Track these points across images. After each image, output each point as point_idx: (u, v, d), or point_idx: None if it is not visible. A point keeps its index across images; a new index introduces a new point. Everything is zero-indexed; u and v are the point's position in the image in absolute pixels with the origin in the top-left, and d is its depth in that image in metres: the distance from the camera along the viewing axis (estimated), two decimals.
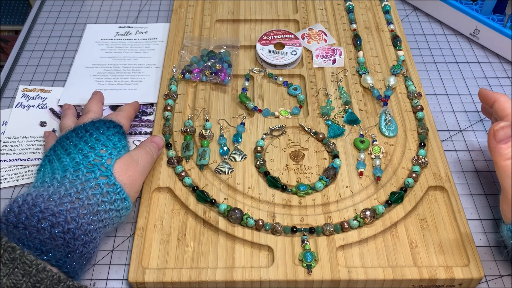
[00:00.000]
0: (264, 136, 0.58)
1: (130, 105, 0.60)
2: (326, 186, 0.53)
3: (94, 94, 0.61)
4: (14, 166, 0.58)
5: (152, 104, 0.65)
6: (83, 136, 0.49)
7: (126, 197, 0.47)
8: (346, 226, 0.50)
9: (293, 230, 0.49)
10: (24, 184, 0.57)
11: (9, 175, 0.57)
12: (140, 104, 0.64)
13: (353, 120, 0.59)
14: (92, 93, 0.62)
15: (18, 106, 0.64)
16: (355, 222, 0.50)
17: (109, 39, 0.74)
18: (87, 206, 0.44)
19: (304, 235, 0.49)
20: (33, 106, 0.65)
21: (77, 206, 0.43)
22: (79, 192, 0.44)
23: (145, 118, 0.63)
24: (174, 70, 0.65)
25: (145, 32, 0.75)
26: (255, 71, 0.66)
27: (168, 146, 0.57)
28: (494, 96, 0.52)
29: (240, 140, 0.58)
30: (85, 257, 0.44)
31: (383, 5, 0.74)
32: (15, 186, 0.57)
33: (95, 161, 0.47)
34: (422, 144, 0.57)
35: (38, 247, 0.40)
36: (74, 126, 0.51)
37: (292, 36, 0.69)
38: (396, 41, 0.68)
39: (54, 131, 0.61)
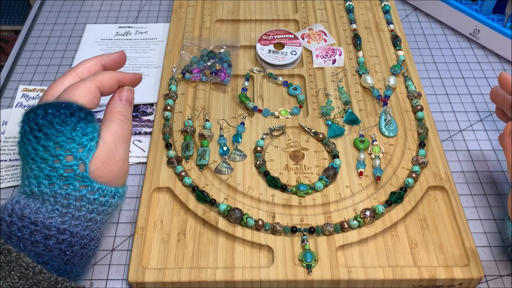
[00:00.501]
0: (264, 136, 0.58)
1: (109, 74, 0.46)
2: (326, 186, 0.53)
3: (107, 54, 0.49)
4: (14, 166, 0.58)
5: (152, 104, 0.65)
6: (39, 137, 0.41)
7: (116, 191, 0.44)
8: (346, 226, 0.50)
9: (293, 230, 0.49)
10: None
11: (9, 175, 0.57)
12: (140, 104, 0.64)
13: (353, 120, 0.59)
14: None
15: (18, 106, 0.64)
16: (355, 222, 0.50)
17: (109, 39, 0.74)
18: (79, 217, 0.42)
19: (304, 235, 0.49)
20: None
21: (67, 218, 0.41)
22: (66, 206, 0.41)
23: (145, 118, 0.63)
24: (174, 70, 0.65)
25: (145, 32, 0.75)
26: (255, 71, 0.66)
27: (168, 146, 0.57)
28: (505, 94, 0.52)
29: (240, 140, 0.58)
30: (86, 256, 0.43)
31: (383, 5, 0.74)
32: (15, 186, 0.57)
33: (66, 172, 0.41)
34: (422, 144, 0.57)
35: (34, 259, 0.39)
36: (27, 111, 0.43)
37: (292, 36, 0.69)
38: (396, 41, 0.68)
39: None
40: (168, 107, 0.60)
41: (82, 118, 0.42)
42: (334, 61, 0.67)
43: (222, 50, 0.67)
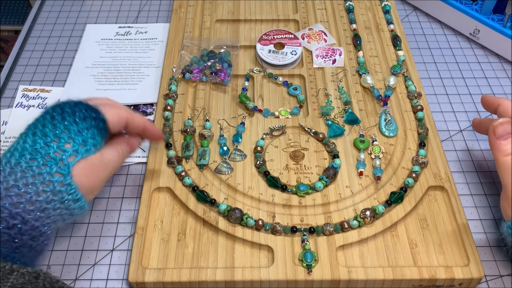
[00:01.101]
0: (264, 136, 0.58)
1: (141, 118, 0.51)
2: (326, 186, 0.53)
3: (153, 127, 0.52)
4: None
5: (152, 104, 0.65)
6: (55, 117, 0.44)
7: (79, 197, 0.43)
8: (346, 226, 0.50)
9: (293, 230, 0.49)
10: None
11: None
12: (140, 104, 0.65)
13: (353, 120, 0.59)
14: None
15: (18, 106, 0.64)
16: (355, 222, 0.50)
17: (109, 39, 0.74)
18: (34, 202, 0.40)
19: (304, 235, 0.49)
20: (33, 106, 0.65)
21: (23, 201, 0.40)
22: (28, 186, 0.40)
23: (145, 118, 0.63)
24: (174, 70, 0.65)
25: (145, 32, 0.75)
26: (255, 71, 0.66)
27: (168, 146, 0.57)
28: (497, 101, 0.53)
29: (240, 140, 0.58)
30: (35, 250, 0.42)
31: (383, 5, 0.74)
32: None
33: (55, 154, 0.42)
34: (422, 144, 0.57)
35: None
36: (59, 102, 0.46)
37: (292, 36, 0.69)
38: (396, 41, 0.68)
39: None
40: (168, 107, 0.60)
41: (100, 128, 0.45)
42: (334, 61, 0.67)
43: (222, 50, 0.67)
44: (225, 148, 0.56)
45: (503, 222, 0.47)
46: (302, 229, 0.49)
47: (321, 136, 0.58)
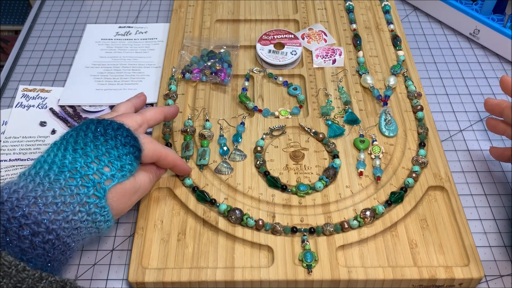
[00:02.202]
0: (264, 136, 0.58)
1: (170, 111, 0.55)
2: (326, 186, 0.53)
3: (167, 107, 0.55)
4: (14, 166, 0.58)
5: (152, 104, 0.65)
6: (98, 138, 0.45)
7: (110, 219, 0.45)
8: (346, 226, 0.50)
9: (293, 230, 0.49)
10: None
11: (9, 175, 0.57)
12: None
13: (353, 120, 0.59)
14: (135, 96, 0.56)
15: (18, 106, 0.64)
16: (355, 222, 0.50)
17: (109, 39, 0.74)
18: (70, 221, 0.42)
19: (304, 235, 0.49)
20: (33, 106, 0.65)
21: (60, 218, 0.41)
22: (66, 205, 0.41)
23: None
24: (173, 70, 0.65)
25: (145, 32, 0.75)
26: (255, 71, 0.66)
27: (168, 146, 0.57)
28: (500, 105, 0.53)
29: (240, 140, 0.58)
30: (62, 263, 0.43)
31: (383, 5, 0.74)
32: None
33: (94, 176, 0.43)
34: (422, 144, 0.57)
35: (19, 256, 0.39)
36: (103, 119, 0.47)
37: (292, 36, 0.69)
38: (396, 41, 0.68)
39: (53, 130, 0.61)
40: None
41: (136, 155, 0.47)
42: (334, 61, 0.67)
43: (222, 50, 0.67)
44: (225, 148, 0.56)
45: None
46: (302, 229, 0.49)
47: (321, 136, 0.58)
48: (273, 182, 0.53)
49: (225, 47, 0.68)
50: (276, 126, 0.59)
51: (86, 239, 0.45)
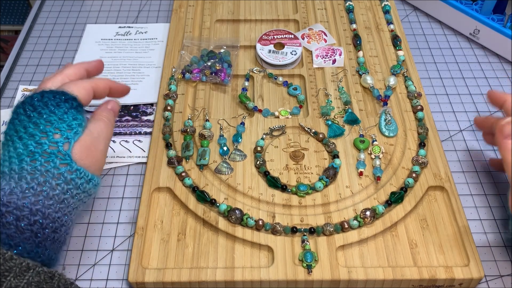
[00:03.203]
0: (264, 136, 0.58)
1: (104, 80, 0.51)
2: (326, 186, 0.53)
3: (88, 61, 0.53)
4: None
5: (152, 104, 0.65)
6: (32, 116, 0.44)
7: (91, 177, 0.45)
8: (346, 226, 0.50)
9: (293, 230, 0.49)
10: None
11: None
12: (140, 104, 0.65)
13: (353, 120, 0.59)
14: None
15: None
16: (355, 222, 0.50)
17: (109, 39, 0.74)
18: (52, 197, 0.42)
19: (304, 235, 0.49)
20: None
21: (41, 198, 0.41)
22: (42, 184, 0.42)
23: (145, 118, 0.63)
24: (173, 70, 0.65)
25: (145, 32, 0.75)
26: (255, 71, 0.66)
27: (168, 146, 0.57)
28: (503, 97, 0.52)
29: (240, 140, 0.58)
30: (58, 241, 0.43)
31: (383, 5, 0.74)
32: None
33: (50, 148, 0.43)
34: (422, 144, 0.57)
35: (5, 241, 0.39)
36: (24, 98, 0.46)
37: (292, 36, 0.69)
38: (396, 41, 0.68)
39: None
40: (168, 107, 0.60)
41: (75, 106, 0.46)
42: (334, 61, 0.67)
43: (222, 50, 0.67)
44: (225, 148, 0.56)
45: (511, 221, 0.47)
46: (302, 229, 0.49)
47: (321, 136, 0.58)
48: (273, 182, 0.53)
49: (225, 47, 0.68)
50: (276, 126, 0.59)
51: (79, 207, 0.45)
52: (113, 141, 0.60)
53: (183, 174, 0.54)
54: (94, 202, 0.55)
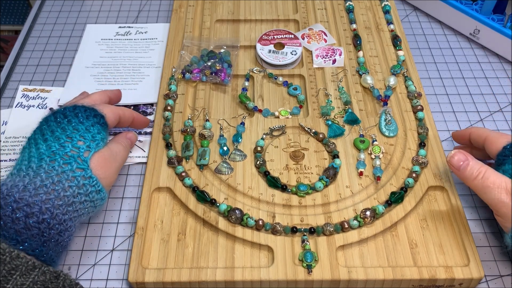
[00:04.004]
0: (264, 136, 0.58)
1: (130, 111, 0.56)
2: (326, 186, 0.53)
3: (110, 90, 0.58)
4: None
5: (152, 104, 0.65)
6: (61, 122, 0.48)
7: (101, 189, 0.47)
8: (346, 226, 0.50)
9: (293, 230, 0.49)
10: None
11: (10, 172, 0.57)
12: (140, 104, 0.65)
13: (353, 120, 0.59)
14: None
15: (18, 106, 0.64)
16: (355, 222, 0.50)
17: (109, 39, 0.74)
18: (63, 198, 0.43)
19: (304, 235, 0.49)
20: (33, 106, 0.65)
21: (52, 197, 0.43)
22: (55, 184, 0.43)
23: None
24: (173, 70, 0.65)
25: (145, 32, 0.75)
26: (255, 71, 0.66)
27: (168, 146, 0.57)
28: (466, 131, 0.55)
29: (240, 140, 0.58)
30: (61, 245, 0.44)
31: (383, 5, 0.74)
32: None
33: (72, 152, 0.46)
34: (422, 144, 0.57)
35: (13, 237, 0.40)
36: (56, 110, 0.50)
37: (292, 36, 0.69)
38: (396, 41, 0.68)
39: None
40: (168, 107, 0.60)
41: (101, 123, 0.50)
42: (334, 61, 0.67)
43: (222, 50, 0.67)
44: (225, 148, 0.56)
45: (505, 234, 0.47)
46: (302, 229, 0.49)
47: (321, 136, 0.58)
48: (273, 182, 0.53)
49: (225, 47, 0.68)
50: (276, 126, 0.59)
51: (83, 216, 0.47)
52: None
53: (183, 174, 0.54)
54: None
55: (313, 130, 0.58)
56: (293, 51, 0.67)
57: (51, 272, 0.38)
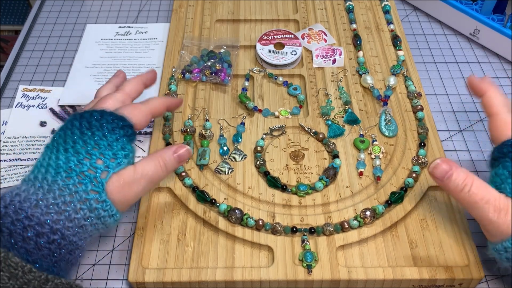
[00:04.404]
0: (264, 136, 0.58)
1: (160, 100, 0.52)
2: (326, 186, 0.53)
3: (144, 74, 0.55)
4: (14, 166, 0.58)
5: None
6: (85, 133, 0.45)
7: (115, 213, 0.44)
8: (346, 226, 0.50)
9: (293, 230, 0.49)
10: None
11: (9, 175, 0.57)
12: None
13: (353, 120, 0.59)
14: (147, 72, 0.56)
15: (18, 106, 0.64)
16: (355, 222, 0.50)
17: (109, 39, 0.74)
18: (73, 220, 0.42)
19: (304, 235, 0.49)
20: (33, 106, 0.65)
21: (63, 218, 0.41)
22: (67, 204, 0.41)
23: None
24: (173, 70, 0.65)
25: (145, 32, 0.75)
26: (255, 71, 0.66)
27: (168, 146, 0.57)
28: (483, 88, 0.50)
29: (240, 140, 0.58)
30: (71, 264, 0.43)
31: (383, 5, 0.74)
32: None
33: (89, 172, 0.43)
34: (422, 144, 0.57)
35: (24, 257, 0.39)
36: (85, 112, 0.47)
37: (292, 36, 0.69)
38: (396, 41, 0.68)
39: (53, 130, 0.61)
40: None
41: (128, 135, 0.47)
42: (334, 61, 0.67)
43: (222, 50, 0.67)
44: (225, 148, 0.56)
45: (489, 244, 0.45)
46: (302, 229, 0.49)
47: (321, 136, 0.58)
48: (273, 182, 0.53)
49: (225, 47, 0.68)
50: (276, 126, 0.59)
51: (94, 235, 0.45)
52: None
53: (183, 174, 0.54)
54: None
55: (313, 130, 0.58)
56: (293, 51, 0.67)
57: (63, 284, 0.37)
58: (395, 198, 0.52)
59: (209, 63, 0.65)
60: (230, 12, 0.74)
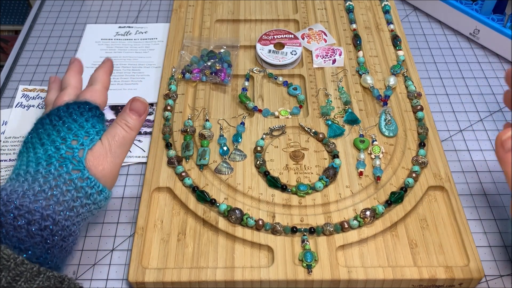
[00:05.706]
0: (264, 136, 0.58)
1: (104, 71, 0.54)
2: (326, 186, 0.53)
3: (73, 63, 0.56)
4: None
5: (152, 104, 0.65)
6: (56, 124, 0.46)
7: (102, 189, 0.45)
8: (346, 226, 0.50)
9: (293, 230, 0.49)
10: None
11: (9, 175, 0.57)
12: None
13: (353, 120, 0.59)
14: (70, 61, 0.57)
15: (18, 106, 0.64)
16: (355, 222, 0.50)
17: (109, 39, 0.74)
18: (62, 203, 0.42)
19: (304, 235, 0.49)
20: (33, 106, 0.65)
21: (52, 203, 0.42)
22: (53, 188, 0.42)
23: None
24: (173, 70, 0.65)
25: (145, 32, 0.75)
26: (255, 71, 0.66)
27: (168, 146, 0.57)
28: None
29: (240, 140, 0.58)
30: (65, 250, 0.43)
31: (383, 5, 0.74)
32: None
33: (66, 153, 0.44)
34: (422, 144, 0.57)
35: (16, 245, 0.40)
36: (50, 110, 0.48)
37: (292, 36, 0.69)
38: (396, 41, 0.68)
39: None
40: (168, 107, 0.60)
41: (97, 115, 0.48)
42: (334, 61, 0.67)
43: (222, 50, 0.67)
44: (225, 148, 0.56)
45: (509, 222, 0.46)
46: (302, 229, 0.49)
47: (321, 136, 0.58)
48: (273, 182, 0.53)
49: (225, 47, 0.68)
50: (276, 126, 0.59)
51: (87, 218, 0.46)
52: None
53: (183, 174, 0.54)
54: None
55: (313, 130, 0.58)
56: (293, 51, 0.67)
57: (55, 277, 0.37)
58: (395, 198, 0.52)
59: (209, 63, 0.65)
60: (230, 12, 0.74)
